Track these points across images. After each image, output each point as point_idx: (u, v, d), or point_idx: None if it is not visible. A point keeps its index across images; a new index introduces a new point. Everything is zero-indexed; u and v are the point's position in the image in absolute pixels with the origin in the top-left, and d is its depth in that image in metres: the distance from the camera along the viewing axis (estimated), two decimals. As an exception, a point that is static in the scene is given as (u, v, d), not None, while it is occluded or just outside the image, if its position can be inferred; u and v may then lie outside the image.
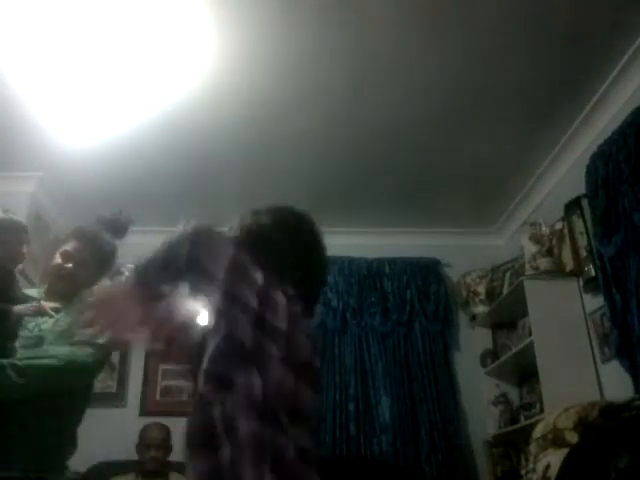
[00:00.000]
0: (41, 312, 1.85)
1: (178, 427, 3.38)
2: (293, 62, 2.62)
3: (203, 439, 1.00)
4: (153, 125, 3.02)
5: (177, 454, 3.03)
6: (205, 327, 1.14)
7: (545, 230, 3.28)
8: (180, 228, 1.16)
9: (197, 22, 2.37)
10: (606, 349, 2.83)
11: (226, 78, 2.70)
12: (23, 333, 1.80)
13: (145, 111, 2.92)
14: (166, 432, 3.07)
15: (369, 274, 4.10)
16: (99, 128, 3.03)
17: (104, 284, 1.92)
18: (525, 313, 3.26)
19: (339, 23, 2.40)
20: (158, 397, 3.85)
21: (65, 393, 1.77)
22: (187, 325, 1.22)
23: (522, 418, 3.32)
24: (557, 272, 3.20)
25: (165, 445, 3.02)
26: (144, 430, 3.15)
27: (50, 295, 1.95)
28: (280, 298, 1.13)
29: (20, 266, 2.01)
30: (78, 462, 3.26)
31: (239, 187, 3.67)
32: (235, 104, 2.88)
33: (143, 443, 3.06)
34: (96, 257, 1.97)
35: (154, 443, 3.01)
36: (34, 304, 1.86)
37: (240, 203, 4.10)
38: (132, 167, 3.41)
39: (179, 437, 1.01)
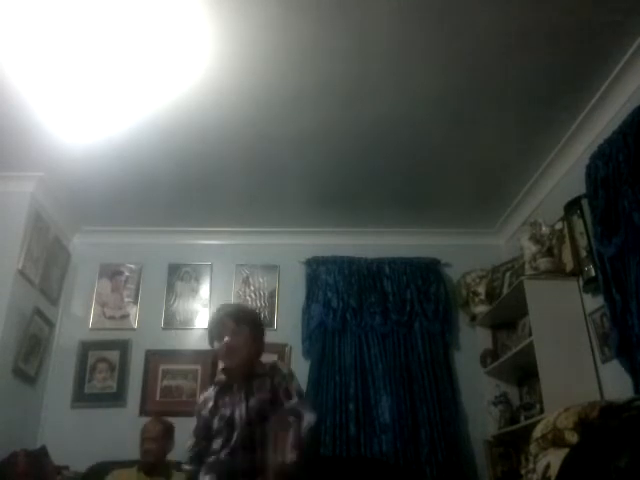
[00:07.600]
0: None
1: (178, 427, 3.38)
2: (293, 62, 2.62)
3: None
4: (153, 125, 3.02)
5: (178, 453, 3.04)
6: None
7: (545, 230, 3.28)
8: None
9: (197, 23, 2.37)
10: (606, 349, 2.83)
11: (226, 78, 2.70)
12: None
13: (145, 111, 2.92)
14: (163, 426, 3.05)
15: (369, 274, 4.10)
16: (99, 128, 3.03)
17: None
18: (525, 313, 3.26)
19: (339, 23, 2.40)
20: (158, 397, 3.85)
21: None
22: None
23: (522, 418, 3.32)
24: (557, 272, 3.20)
25: (161, 438, 3.00)
26: (144, 425, 3.17)
27: None
28: None
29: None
30: (78, 462, 3.30)
31: (239, 187, 3.68)
32: (235, 104, 2.88)
33: (141, 437, 3.05)
34: None
35: (148, 435, 3.00)
36: None
37: (240, 203, 4.13)
38: (132, 167, 3.41)
39: (180, 436, 1.01)
